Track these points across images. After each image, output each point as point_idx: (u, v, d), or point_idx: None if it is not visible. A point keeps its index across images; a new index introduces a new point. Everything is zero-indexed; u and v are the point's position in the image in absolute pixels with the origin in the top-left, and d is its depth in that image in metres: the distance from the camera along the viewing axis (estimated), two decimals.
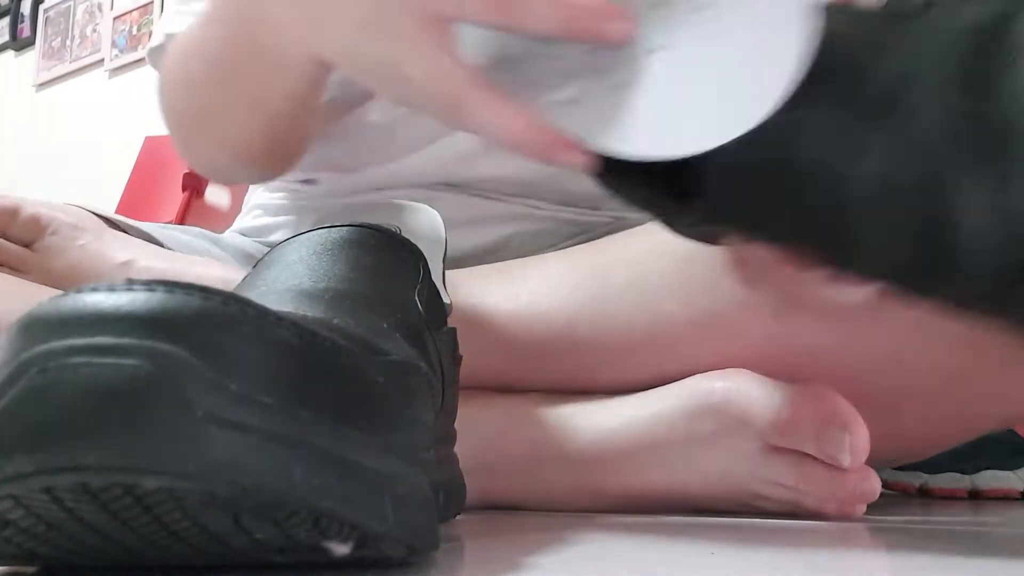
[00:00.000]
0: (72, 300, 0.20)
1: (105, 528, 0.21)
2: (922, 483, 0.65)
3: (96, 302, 0.20)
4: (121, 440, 0.19)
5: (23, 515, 0.21)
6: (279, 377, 0.21)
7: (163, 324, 0.20)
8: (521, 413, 0.50)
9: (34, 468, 0.19)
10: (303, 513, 0.21)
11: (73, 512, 0.21)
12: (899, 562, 0.28)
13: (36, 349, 0.19)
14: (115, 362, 0.19)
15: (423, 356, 0.31)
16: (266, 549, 0.23)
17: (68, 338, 0.19)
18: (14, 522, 0.21)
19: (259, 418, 0.20)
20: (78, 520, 0.21)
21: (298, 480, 0.21)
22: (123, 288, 0.20)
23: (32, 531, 0.22)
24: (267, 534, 0.22)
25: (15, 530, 0.22)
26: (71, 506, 0.20)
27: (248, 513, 0.21)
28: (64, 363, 0.19)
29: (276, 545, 0.23)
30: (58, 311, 0.20)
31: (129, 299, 0.20)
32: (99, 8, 2.88)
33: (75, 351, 0.19)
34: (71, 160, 2.76)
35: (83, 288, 0.20)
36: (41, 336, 0.19)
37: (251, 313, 0.21)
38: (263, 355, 0.21)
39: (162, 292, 0.20)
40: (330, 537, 0.23)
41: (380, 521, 0.23)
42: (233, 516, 0.21)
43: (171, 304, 0.20)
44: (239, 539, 0.22)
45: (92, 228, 0.56)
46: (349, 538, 0.23)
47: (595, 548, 0.33)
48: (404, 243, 0.37)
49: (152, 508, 0.21)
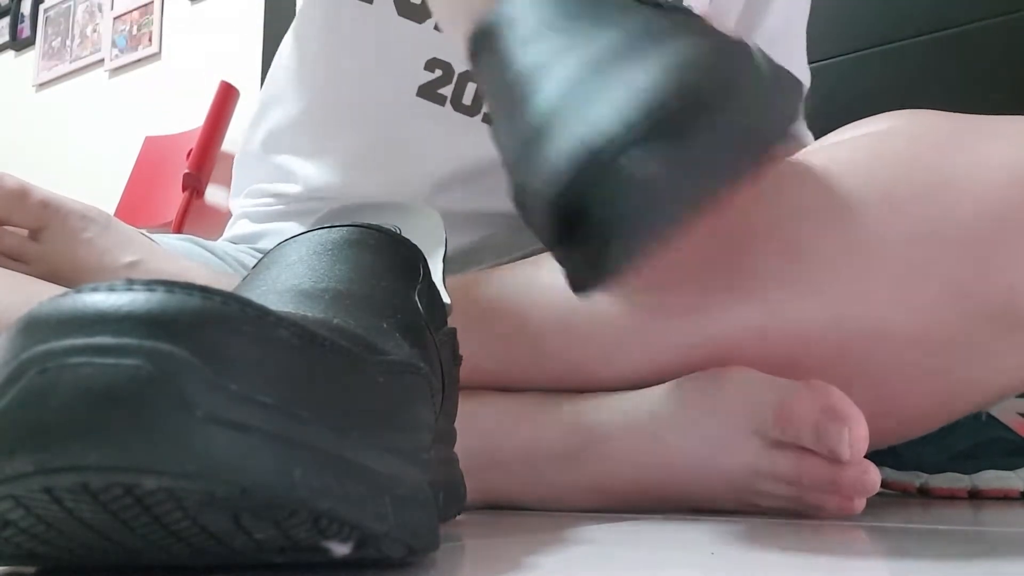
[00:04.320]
0: (72, 300, 0.20)
1: (105, 528, 0.21)
2: (922, 483, 0.65)
3: (96, 302, 0.20)
4: (121, 440, 0.19)
5: (23, 515, 0.21)
6: (279, 377, 0.21)
7: (163, 324, 0.20)
8: (520, 412, 0.50)
9: (34, 468, 0.19)
10: (303, 513, 0.21)
11: (73, 512, 0.21)
12: (899, 562, 0.28)
13: (36, 349, 0.19)
14: (115, 362, 0.19)
15: (423, 356, 0.31)
16: (266, 549, 0.23)
17: (68, 338, 0.19)
18: (14, 522, 0.21)
19: (259, 418, 0.20)
20: (78, 520, 0.21)
21: (298, 480, 0.21)
22: (123, 288, 0.20)
23: (32, 531, 0.22)
24: (267, 534, 0.22)
25: (15, 530, 0.22)
26: (71, 506, 0.20)
27: (248, 513, 0.21)
28: (64, 363, 0.19)
29: (276, 545, 0.23)
30: (58, 311, 0.20)
31: (129, 299, 0.20)
32: (99, 8, 2.88)
33: (75, 351, 0.19)
34: (71, 160, 2.76)
35: (83, 288, 0.20)
36: (41, 336, 0.19)
37: (251, 313, 0.21)
38: (263, 355, 0.21)
39: (162, 292, 0.20)
40: (330, 537, 0.23)
41: (380, 521, 0.23)
42: (233, 516, 0.21)
43: (171, 304, 0.20)
44: (239, 539, 0.22)
45: (100, 220, 0.55)
46: (349, 538, 0.23)
47: (595, 548, 0.33)
48: (404, 243, 0.37)
49: (152, 508, 0.21)
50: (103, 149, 2.67)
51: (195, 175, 2.02)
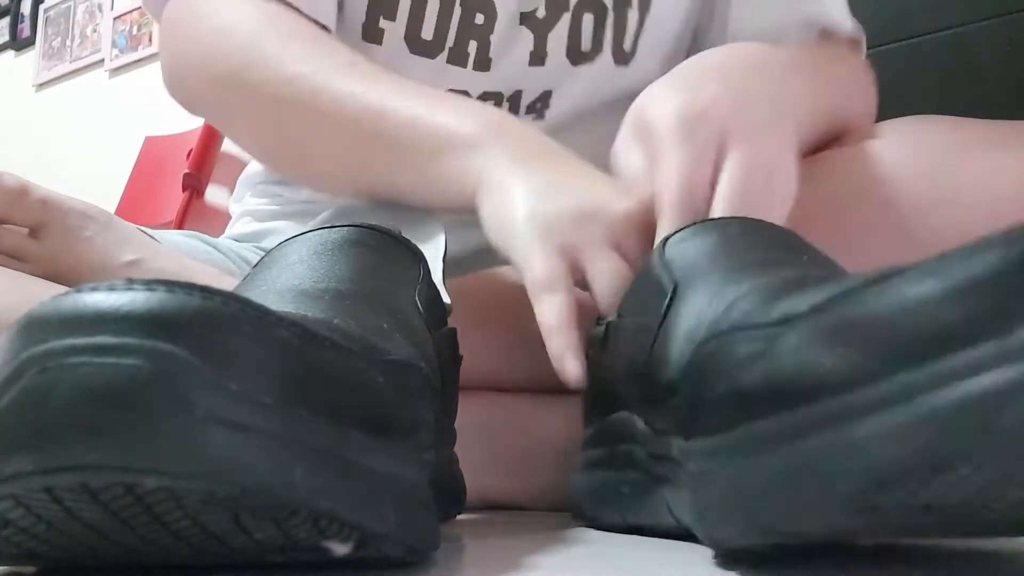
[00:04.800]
0: (72, 300, 0.20)
1: (105, 528, 0.21)
2: None
3: (96, 302, 0.20)
4: (121, 440, 0.19)
5: (23, 514, 0.21)
6: (279, 377, 0.21)
7: (163, 324, 0.20)
8: (520, 412, 0.50)
9: (34, 468, 0.19)
10: (303, 513, 0.21)
11: (73, 512, 0.21)
12: (899, 562, 0.28)
13: (36, 349, 0.19)
14: (115, 362, 0.19)
15: (423, 356, 0.31)
16: (266, 549, 0.23)
17: (68, 338, 0.19)
18: (14, 522, 0.21)
19: (259, 418, 0.20)
20: (78, 520, 0.21)
21: (298, 480, 0.21)
22: (123, 287, 0.20)
23: (32, 531, 0.22)
24: (267, 534, 0.22)
25: (15, 529, 0.22)
26: (71, 506, 0.20)
27: (248, 513, 0.21)
28: (64, 363, 0.19)
29: (276, 545, 0.23)
30: (58, 311, 0.20)
31: (129, 299, 0.20)
32: (99, 8, 2.88)
33: (75, 351, 0.19)
34: (71, 160, 2.76)
35: (83, 288, 0.20)
36: (41, 336, 0.19)
37: (251, 313, 0.21)
38: (263, 355, 0.21)
39: (162, 292, 0.20)
40: (330, 537, 0.23)
41: (380, 521, 0.23)
42: (233, 516, 0.21)
43: (171, 304, 0.20)
44: (239, 539, 0.22)
45: (100, 218, 0.55)
46: (349, 538, 0.23)
47: (595, 548, 0.33)
48: (404, 243, 0.37)
49: (152, 508, 0.21)
50: (103, 149, 2.67)
51: (195, 175, 2.02)
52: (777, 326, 0.24)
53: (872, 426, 0.20)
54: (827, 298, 0.23)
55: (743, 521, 0.24)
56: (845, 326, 0.22)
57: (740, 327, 0.26)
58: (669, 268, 0.35)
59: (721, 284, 0.31)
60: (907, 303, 0.21)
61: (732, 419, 0.25)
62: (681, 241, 0.36)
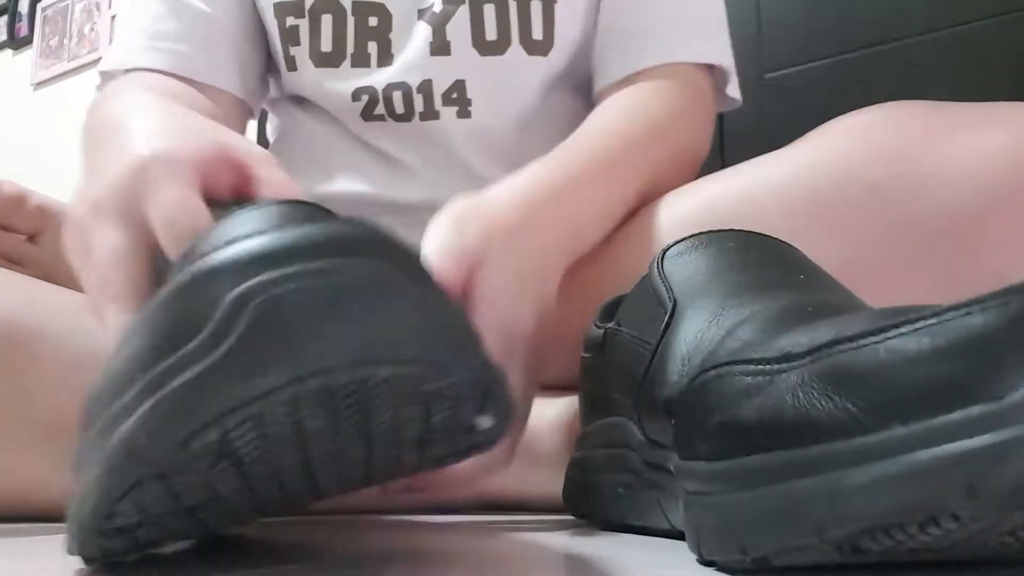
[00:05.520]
0: (259, 241, 0.23)
1: (319, 436, 0.25)
2: None
3: (297, 235, 0.23)
4: (357, 339, 0.22)
5: (251, 440, 0.24)
6: None
7: (350, 243, 0.23)
8: None
9: (287, 379, 0.22)
10: (479, 389, 0.26)
11: (301, 423, 0.24)
12: (898, 567, 0.27)
13: (244, 285, 0.22)
14: (330, 277, 0.22)
15: None
16: (431, 439, 0.28)
17: (278, 268, 0.22)
18: (234, 452, 0.24)
19: (455, 312, 0.26)
20: (299, 434, 0.24)
21: (484, 361, 0.26)
22: (307, 221, 0.24)
23: (245, 460, 0.25)
24: (442, 415, 0.27)
25: (228, 463, 0.24)
26: (304, 414, 0.24)
27: (437, 399, 0.26)
28: (282, 289, 0.22)
29: (445, 427, 0.28)
30: (263, 247, 0.23)
31: (318, 228, 0.23)
32: (97, 7, 2.88)
33: (288, 278, 0.22)
34: (69, 159, 2.75)
35: (246, 233, 0.24)
36: (238, 277, 0.22)
37: (386, 231, 0.25)
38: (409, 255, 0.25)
39: (328, 221, 0.24)
40: (485, 411, 0.27)
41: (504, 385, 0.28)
42: (425, 404, 0.26)
43: (347, 230, 0.24)
44: (414, 429, 0.27)
45: None
46: (496, 410, 0.28)
47: (595, 549, 0.33)
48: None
49: (368, 403, 0.24)
50: None
51: None
52: (777, 363, 0.26)
53: (863, 476, 0.21)
54: (827, 341, 0.24)
55: (736, 549, 0.25)
56: (843, 374, 0.23)
57: (739, 360, 0.27)
58: (668, 283, 0.35)
59: (720, 307, 0.32)
60: (903, 358, 0.22)
61: (728, 448, 0.26)
62: (679, 255, 0.36)
